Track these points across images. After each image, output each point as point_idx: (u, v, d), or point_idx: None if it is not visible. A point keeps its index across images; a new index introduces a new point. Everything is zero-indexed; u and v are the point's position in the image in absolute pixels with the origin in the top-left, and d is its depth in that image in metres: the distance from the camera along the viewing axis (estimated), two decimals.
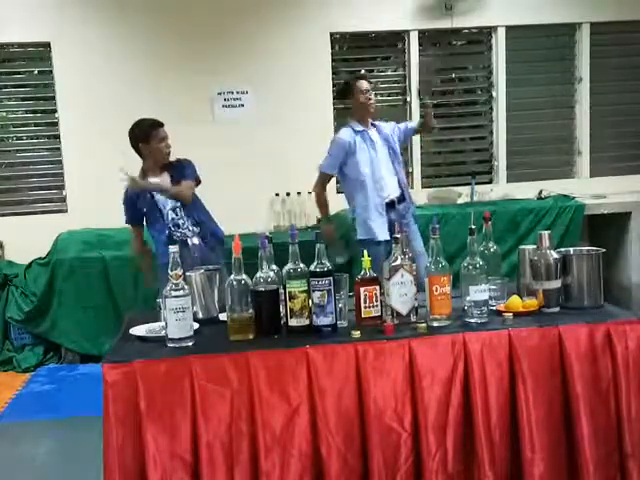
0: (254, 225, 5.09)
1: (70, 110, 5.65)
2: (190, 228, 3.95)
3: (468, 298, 2.48)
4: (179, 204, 3.94)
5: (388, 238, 4.09)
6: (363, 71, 6.15)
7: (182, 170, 3.95)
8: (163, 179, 3.91)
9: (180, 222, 3.94)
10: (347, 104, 4.65)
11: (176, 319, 2.34)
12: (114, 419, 2.21)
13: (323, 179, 4.48)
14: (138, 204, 3.94)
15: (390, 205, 4.35)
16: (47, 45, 5.61)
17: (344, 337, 2.39)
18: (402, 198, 4.41)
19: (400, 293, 2.48)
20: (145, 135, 3.87)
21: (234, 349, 2.33)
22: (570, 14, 6.11)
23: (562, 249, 2.72)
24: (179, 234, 3.92)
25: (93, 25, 5.60)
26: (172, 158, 3.98)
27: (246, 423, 2.24)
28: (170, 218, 3.93)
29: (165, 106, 5.62)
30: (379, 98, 6.21)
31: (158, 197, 3.93)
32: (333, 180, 4.63)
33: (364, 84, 4.38)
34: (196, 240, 3.93)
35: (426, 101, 4.60)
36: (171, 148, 3.94)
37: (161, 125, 3.91)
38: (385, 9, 5.88)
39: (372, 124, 4.44)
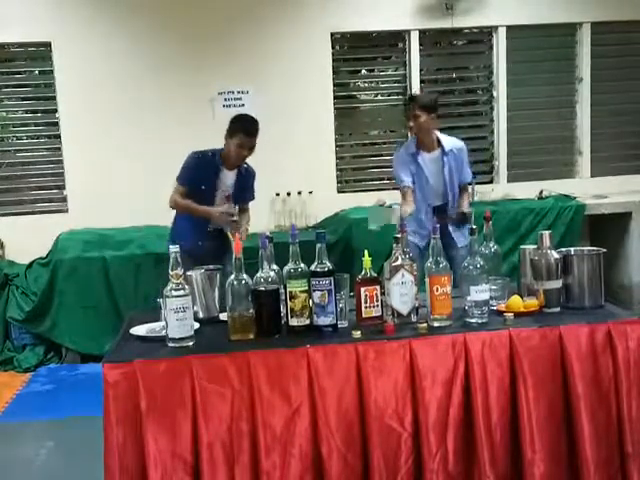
0: (255, 225, 5.09)
1: (70, 110, 5.64)
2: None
3: (469, 298, 2.48)
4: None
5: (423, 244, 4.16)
6: (364, 71, 6.16)
7: (246, 187, 4.10)
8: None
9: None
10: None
11: (177, 319, 2.34)
12: (114, 419, 2.21)
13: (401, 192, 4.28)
14: (202, 181, 3.95)
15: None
16: (48, 45, 5.60)
17: (345, 337, 2.39)
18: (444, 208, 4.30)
19: (401, 293, 2.48)
20: (231, 134, 3.97)
21: (234, 349, 2.33)
22: (571, 14, 6.10)
23: (563, 249, 2.72)
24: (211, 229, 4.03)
25: (94, 25, 5.59)
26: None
27: (247, 423, 2.24)
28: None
29: (166, 106, 5.64)
30: (379, 98, 6.24)
31: (218, 192, 3.97)
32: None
33: (413, 108, 4.17)
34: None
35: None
36: (248, 156, 4.01)
37: (248, 134, 3.91)
38: (385, 9, 5.87)
39: (439, 141, 4.24)
